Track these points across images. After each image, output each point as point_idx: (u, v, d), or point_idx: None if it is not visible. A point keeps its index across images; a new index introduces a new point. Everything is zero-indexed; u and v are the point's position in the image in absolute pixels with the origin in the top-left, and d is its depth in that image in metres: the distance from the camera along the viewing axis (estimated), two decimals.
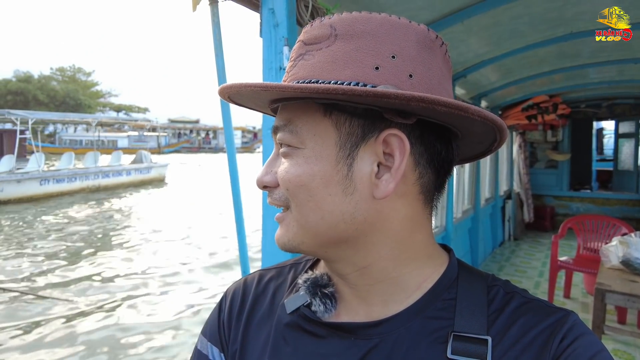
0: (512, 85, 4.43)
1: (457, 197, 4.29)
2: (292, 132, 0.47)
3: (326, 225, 0.46)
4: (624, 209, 6.90)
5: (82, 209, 11.37)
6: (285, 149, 0.48)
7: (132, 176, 16.86)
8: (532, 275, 4.86)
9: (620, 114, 7.12)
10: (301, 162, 0.46)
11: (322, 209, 0.46)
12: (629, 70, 4.19)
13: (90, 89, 58.81)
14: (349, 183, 0.45)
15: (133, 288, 5.42)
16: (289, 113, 0.48)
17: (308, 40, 0.47)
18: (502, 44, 2.96)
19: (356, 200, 0.46)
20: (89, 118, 17.26)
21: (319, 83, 0.44)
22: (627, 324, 3.41)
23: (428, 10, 2.16)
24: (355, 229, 0.47)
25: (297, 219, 0.48)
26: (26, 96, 44.40)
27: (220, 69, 1.53)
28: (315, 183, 0.45)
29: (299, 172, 0.46)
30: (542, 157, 7.63)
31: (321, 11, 1.51)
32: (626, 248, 2.69)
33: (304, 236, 0.48)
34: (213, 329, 0.60)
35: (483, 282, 0.51)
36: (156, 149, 46.24)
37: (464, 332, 0.46)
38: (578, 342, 0.43)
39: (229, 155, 1.67)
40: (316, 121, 0.46)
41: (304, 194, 0.46)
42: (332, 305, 0.52)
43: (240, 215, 1.73)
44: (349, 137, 0.45)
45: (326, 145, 0.46)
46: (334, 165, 0.45)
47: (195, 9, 1.35)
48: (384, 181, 0.45)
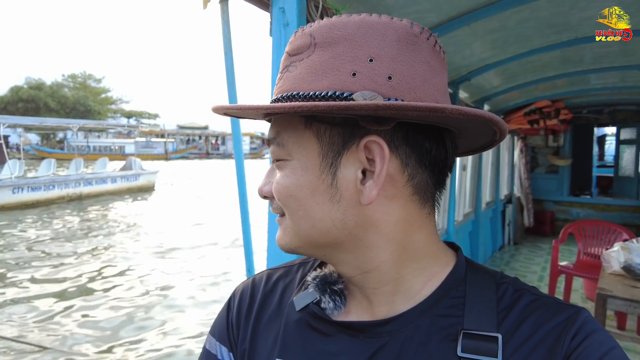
0: (516, 89, 4.43)
1: (458, 200, 4.30)
2: (280, 144, 0.48)
3: (318, 232, 0.47)
4: (624, 215, 6.90)
5: (35, 224, 9.89)
6: (277, 161, 0.49)
7: (118, 184, 15.90)
8: (532, 279, 4.86)
9: (621, 120, 7.13)
10: (289, 173, 0.48)
11: (312, 217, 0.47)
12: (631, 77, 4.20)
13: (100, 96, 58.74)
14: (334, 191, 0.46)
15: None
16: (278, 126, 0.49)
17: (292, 52, 0.48)
18: (507, 48, 2.96)
19: (344, 207, 0.46)
20: (72, 123, 16.09)
21: (300, 95, 0.45)
22: (626, 329, 3.41)
23: (435, 12, 2.16)
24: (348, 233, 0.47)
25: (292, 226, 0.49)
26: (37, 103, 44.26)
27: (230, 68, 1.53)
28: (303, 193, 0.47)
29: (287, 183, 0.47)
30: (543, 162, 7.64)
31: (330, 11, 1.51)
32: (628, 254, 2.69)
33: (299, 242, 0.50)
34: (222, 328, 0.61)
35: (492, 279, 0.51)
36: (163, 155, 46.31)
37: (473, 330, 0.46)
38: (590, 340, 0.42)
39: (237, 157, 1.68)
40: (299, 133, 0.47)
41: (294, 204, 0.48)
42: (342, 302, 0.53)
43: (246, 217, 1.73)
44: (330, 147, 0.46)
45: (310, 155, 0.46)
46: (318, 175, 0.46)
47: (206, 7, 1.35)
48: (368, 187, 0.45)
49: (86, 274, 6.22)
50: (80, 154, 18.37)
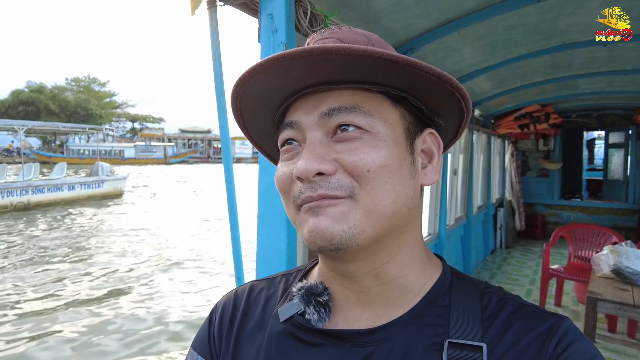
0: (505, 94, 4.47)
1: (450, 204, 4.31)
2: (367, 114, 0.46)
3: (394, 209, 0.46)
4: (614, 218, 6.98)
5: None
6: (355, 132, 0.46)
7: (77, 191, 14.25)
8: (524, 283, 4.88)
9: (610, 124, 7.23)
10: (380, 144, 0.46)
11: (397, 190, 0.47)
12: (618, 82, 4.26)
13: (104, 100, 58.61)
14: (413, 168, 0.49)
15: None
16: (352, 97, 0.47)
17: (346, 40, 0.50)
18: (496, 53, 2.99)
19: (415, 185, 0.49)
20: (16, 125, 14.99)
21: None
22: (617, 332, 3.43)
23: (424, 18, 2.18)
24: (409, 214, 0.50)
25: (366, 205, 0.44)
26: (37, 106, 44.09)
27: (218, 74, 1.52)
28: (395, 165, 0.47)
29: (382, 154, 0.46)
30: (534, 165, 7.71)
31: (320, 17, 1.51)
32: (617, 257, 2.71)
33: (367, 224, 0.45)
34: (203, 342, 0.60)
35: (476, 289, 0.51)
36: (162, 159, 45.89)
37: (459, 340, 0.46)
38: (573, 348, 0.43)
39: (225, 162, 1.66)
40: (385, 109, 0.48)
41: (384, 176, 0.45)
42: (326, 314, 0.52)
43: (235, 223, 1.72)
44: (410, 129, 0.50)
45: (397, 132, 0.48)
46: (404, 151, 0.48)
47: (193, 13, 1.34)
48: (430, 170, 0.52)
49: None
50: (80, 158, 17.66)
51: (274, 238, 1.39)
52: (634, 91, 4.72)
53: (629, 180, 7.08)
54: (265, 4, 1.35)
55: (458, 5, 2.12)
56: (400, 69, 0.43)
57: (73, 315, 4.76)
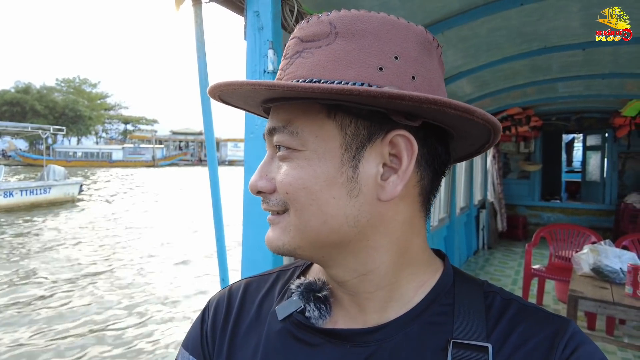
0: (488, 97, 4.54)
1: (433, 205, 4.34)
2: (293, 133, 0.45)
3: (328, 229, 0.45)
4: (592, 218, 7.16)
5: None
6: (284, 152, 0.45)
7: (15, 198, 12.29)
8: (506, 283, 4.96)
9: (587, 127, 7.43)
10: (303, 164, 0.44)
11: (325, 212, 0.44)
12: (595, 86, 4.38)
13: (96, 101, 57.27)
14: (354, 185, 0.44)
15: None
16: (288, 114, 0.45)
17: (305, 37, 0.45)
18: (479, 56, 3.04)
19: (360, 203, 0.44)
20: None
21: (323, 82, 0.42)
22: (596, 329, 3.51)
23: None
24: (357, 232, 0.45)
25: (296, 224, 0.45)
26: (23, 107, 43.08)
27: (202, 71, 1.50)
28: (319, 185, 0.44)
29: (301, 175, 0.44)
30: (515, 167, 7.86)
31: (306, 16, 1.50)
32: (597, 256, 2.78)
33: (302, 241, 0.46)
34: (195, 341, 0.57)
35: (479, 288, 0.50)
36: (151, 162, 44.68)
37: (463, 339, 0.45)
38: (581, 351, 0.43)
39: (210, 161, 1.63)
40: (319, 122, 0.44)
41: (306, 197, 0.44)
42: (327, 310, 0.51)
43: (220, 225, 1.69)
44: (354, 139, 0.44)
45: (330, 147, 0.44)
46: (338, 167, 0.44)
47: (178, 9, 1.32)
48: (391, 183, 0.44)
49: None
50: (67, 160, 16.46)
51: (259, 239, 1.37)
52: (610, 95, 4.86)
53: (605, 182, 7.28)
54: (252, 1, 1.34)
55: (443, 7, 2.14)
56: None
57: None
